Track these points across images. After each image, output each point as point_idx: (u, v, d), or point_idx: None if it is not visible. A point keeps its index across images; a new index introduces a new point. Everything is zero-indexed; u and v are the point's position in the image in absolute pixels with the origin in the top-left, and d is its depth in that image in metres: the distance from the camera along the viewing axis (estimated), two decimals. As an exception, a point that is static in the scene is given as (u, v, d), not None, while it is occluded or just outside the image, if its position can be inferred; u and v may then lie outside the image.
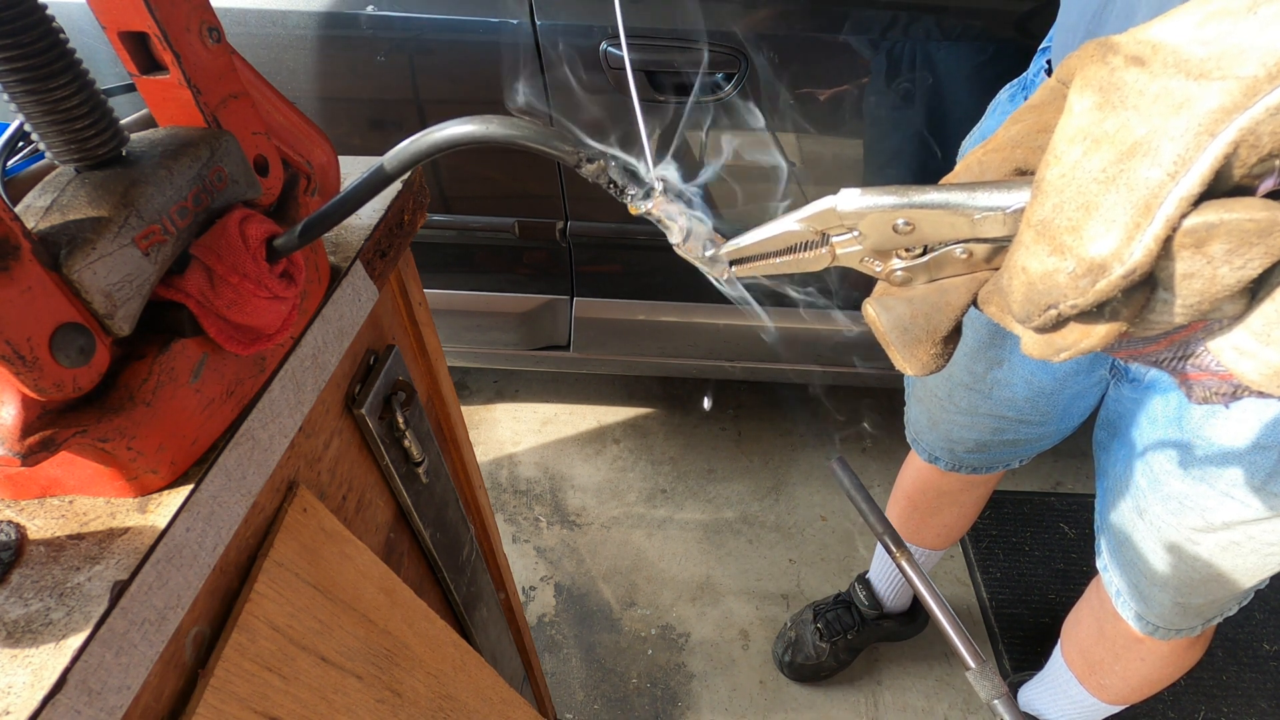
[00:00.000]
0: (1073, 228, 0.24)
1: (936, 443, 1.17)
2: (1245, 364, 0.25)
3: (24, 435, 0.30)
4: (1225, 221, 0.22)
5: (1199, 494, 0.79)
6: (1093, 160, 0.24)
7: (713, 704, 1.53)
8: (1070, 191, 0.24)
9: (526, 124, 0.33)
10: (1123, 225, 0.23)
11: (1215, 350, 0.26)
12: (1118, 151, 0.23)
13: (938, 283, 0.35)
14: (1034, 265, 0.25)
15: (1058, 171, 0.25)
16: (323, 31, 1.21)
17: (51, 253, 0.30)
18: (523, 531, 1.83)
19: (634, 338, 1.63)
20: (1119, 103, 0.23)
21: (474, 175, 1.40)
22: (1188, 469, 0.79)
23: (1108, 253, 0.23)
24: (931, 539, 1.35)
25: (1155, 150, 0.22)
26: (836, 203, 0.32)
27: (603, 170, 0.34)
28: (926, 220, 0.30)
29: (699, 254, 0.38)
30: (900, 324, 0.35)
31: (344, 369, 0.53)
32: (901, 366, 0.36)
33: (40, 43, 0.30)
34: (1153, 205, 0.22)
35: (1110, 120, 0.23)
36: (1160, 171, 0.22)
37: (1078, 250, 0.24)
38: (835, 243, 0.34)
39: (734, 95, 1.22)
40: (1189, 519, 0.81)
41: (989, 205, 0.29)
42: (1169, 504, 0.83)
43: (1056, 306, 0.25)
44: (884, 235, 0.32)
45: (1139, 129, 0.23)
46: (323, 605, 0.45)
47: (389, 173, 0.35)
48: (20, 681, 0.28)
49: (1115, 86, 0.23)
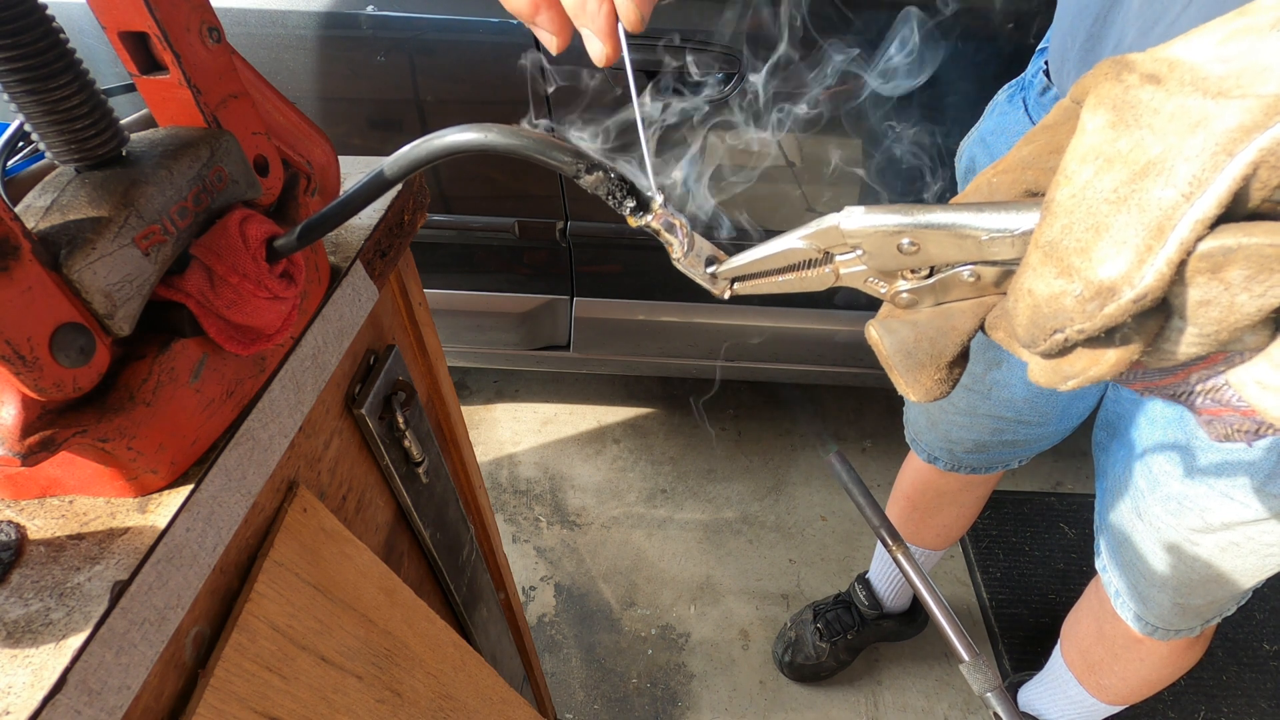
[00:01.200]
0: (1081, 249, 0.23)
1: (935, 442, 1.17)
2: (1269, 399, 0.24)
3: (24, 435, 0.30)
4: (1244, 246, 0.20)
5: (1198, 495, 0.79)
6: (1104, 180, 0.23)
7: (713, 704, 1.53)
8: (1080, 212, 0.23)
9: (526, 133, 0.32)
10: (1134, 247, 0.22)
11: (1236, 384, 0.25)
12: (1130, 171, 0.22)
13: (944, 306, 0.33)
14: (1040, 288, 0.24)
15: (1068, 192, 0.24)
16: (323, 31, 1.21)
17: (51, 253, 0.30)
18: (523, 531, 1.83)
19: (634, 338, 1.63)
20: (1133, 121, 0.22)
21: (474, 175, 1.40)
22: (1187, 470, 0.79)
23: (1117, 276, 0.22)
24: (931, 539, 1.35)
25: (1170, 170, 0.21)
26: (840, 220, 0.31)
27: (602, 181, 0.33)
28: (933, 240, 0.29)
29: (700, 271, 0.37)
30: (904, 348, 0.34)
31: (344, 369, 0.53)
32: (904, 391, 0.35)
33: (40, 43, 0.30)
34: (1166, 227, 0.21)
35: (1124, 139, 0.22)
36: (1174, 192, 0.21)
37: (1086, 273, 0.23)
38: (839, 262, 0.33)
39: (733, 95, 1.22)
40: (1188, 519, 0.81)
41: (998, 227, 0.27)
42: (1168, 504, 0.83)
43: (1063, 331, 0.24)
44: (889, 255, 0.31)
45: (1153, 148, 0.21)
46: (323, 605, 0.45)
47: (389, 178, 0.35)
48: (20, 681, 0.28)
49: (1130, 105, 0.22)
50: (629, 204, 0.34)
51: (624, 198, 0.34)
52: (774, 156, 1.30)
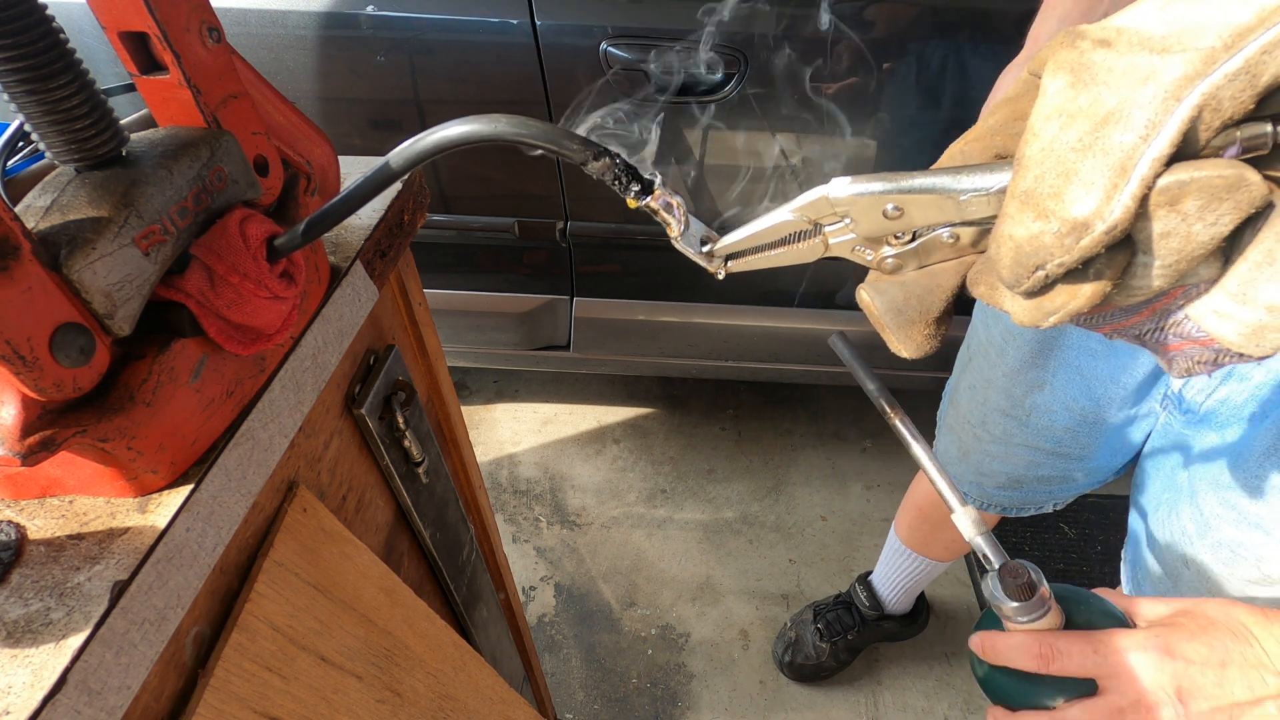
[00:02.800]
0: (1054, 194, 0.25)
1: (965, 476, 1.08)
2: (1225, 326, 0.27)
3: (24, 435, 0.30)
4: (1196, 179, 0.23)
5: (1254, 542, 0.71)
6: (1069, 133, 0.25)
7: (713, 704, 1.53)
8: (1050, 162, 0.26)
9: (534, 123, 0.33)
10: (1101, 186, 0.24)
11: (1195, 316, 0.28)
12: (1092, 122, 0.25)
13: (928, 268, 0.36)
14: (1020, 231, 0.27)
15: (1037, 146, 0.26)
16: (323, 31, 1.21)
17: (51, 253, 0.30)
18: (523, 531, 1.83)
19: (634, 338, 1.63)
20: (1090, 80, 0.25)
21: (474, 175, 1.40)
22: (1243, 513, 0.72)
23: (1089, 212, 0.25)
24: (940, 551, 1.32)
25: (1127, 117, 0.24)
26: (828, 191, 0.33)
27: (608, 167, 0.35)
28: (915, 204, 0.32)
29: (696, 250, 0.38)
30: (894, 306, 0.36)
31: (344, 369, 0.53)
32: (896, 348, 0.37)
33: (40, 43, 0.30)
34: (1128, 166, 0.24)
35: (1083, 96, 0.25)
36: (1133, 136, 0.24)
37: (1060, 213, 0.25)
38: (827, 232, 0.35)
39: (734, 94, 1.22)
40: (1242, 569, 0.74)
41: (974, 186, 0.30)
42: (1219, 552, 0.75)
43: (1044, 267, 0.27)
44: (875, 221, 0.33)
45: (1110, 100, 0.24)
46: (323, 605, 0.45)
47: (394, 170, 0.35)
48: (20, 681, 0.28)
49: (1085, 66, 0.25)
50: (634, 188, 0.36)
51: (629, 182, 0.35)
52: (775, 155, 1.30)
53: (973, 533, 0.46)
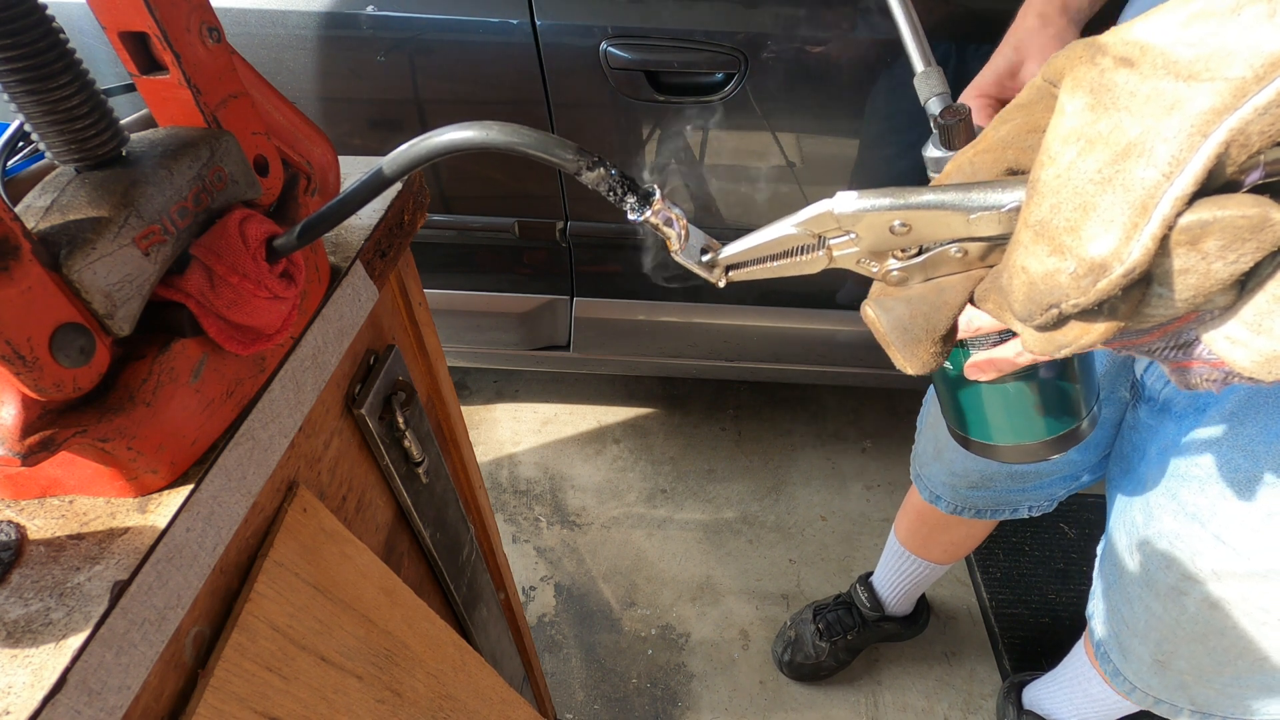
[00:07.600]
0: (1071, 228, 0.24)
1: (938, 476, 1.11)
2: (1238, 352, 0.26)
3: (24, 435, 0.30)
4: (1219, 219, 0.22)
5: (1190, 534, 0.73)
6: (1088, 161, 0.24)
7: (713, 704, 1.53)
8: (1067, 192, 0.24)
9: (527, 130, 0.32)
10: (1121, 225, 0.23)
11: (1208, 340, 0.27)
12: (1113, 152, 0.23)
13: (934, 282, 0.35)
14: (1034, 265, 0.26)
15: (1053, 172, 0.25)
16: (323, 31, 1.21)
17: (51, 253, 0.30)
18: (523, 531, 1.83)
19: (634, 338, 1.63)
20: (1111, 104, 0.24)
21: (474, 175, 1.40)
22: (1182, 503, 0.74)
23: (1107, 252, 0.23)
24: (939, 554, 1.32)
25: (1150, 151, 0.22)
26: (833, 206, 0.32)
27: (604, 178, 0.33)
28: (923, 221, 0.31)
29: (696, 260, 0.38)
30: (900, 324, 0.35)
31: (344, 369, 0.53)
32: (902, 366, 0.36)
33: (40, 43, 0.30)
34: (1149, 205, 0.23)
35: (1103, 121, 0.24)
36: (1156, 172, 0.22)
37: (1077, 250, 0.24)
38: (832, 245, 0.34)
39: (734, 95, 1.22)
40: (1178, 564, 0.76)
41: (984, 204, 0.29)
42: (1160, 542, 0.78)
43: (1058, 306, 0.26)
44: (881, 237, 0.32)
45: (1133, 130, 0.23)
46: (323, 605, 0.45)
47: (388, 176, 0.35)
48: (20, 681, 0.28)
49: (1106, 88, 0.24)
50: (630, 200, 0.34)
51: (624, 194, 0.34)
52: (775, 157, 1.30)
53: (928, 94, 0.45)
